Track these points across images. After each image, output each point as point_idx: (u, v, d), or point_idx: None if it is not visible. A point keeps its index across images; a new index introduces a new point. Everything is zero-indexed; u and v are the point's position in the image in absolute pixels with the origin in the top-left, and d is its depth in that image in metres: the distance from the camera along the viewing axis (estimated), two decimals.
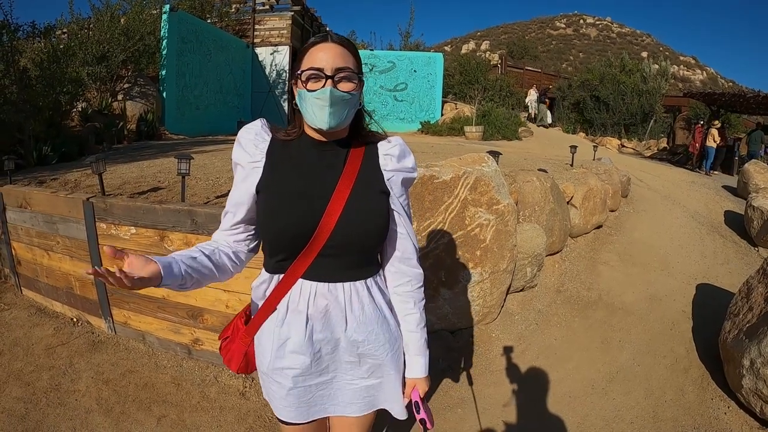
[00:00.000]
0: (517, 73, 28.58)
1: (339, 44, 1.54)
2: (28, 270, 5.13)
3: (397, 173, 1.67)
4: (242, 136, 1.64)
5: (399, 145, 1.69)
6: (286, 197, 1.57)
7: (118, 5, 13.72)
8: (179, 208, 3.79)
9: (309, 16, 21.84)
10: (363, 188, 1.60)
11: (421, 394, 1.79)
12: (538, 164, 8.30)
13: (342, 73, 1.51)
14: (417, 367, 1.80)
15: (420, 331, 1.80)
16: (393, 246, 1.72)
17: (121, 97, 12.29)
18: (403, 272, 1.76)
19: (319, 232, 1.54)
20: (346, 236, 1.56)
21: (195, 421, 3.46)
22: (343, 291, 1.62)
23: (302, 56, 1.55)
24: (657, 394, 4.02)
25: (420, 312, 1.80)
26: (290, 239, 1.57)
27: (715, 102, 18.65)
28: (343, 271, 1.62)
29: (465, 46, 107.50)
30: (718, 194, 11.64)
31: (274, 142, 1.64)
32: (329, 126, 1.51)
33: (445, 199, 4.36)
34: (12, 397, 3.65)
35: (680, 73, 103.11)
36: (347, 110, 1.55)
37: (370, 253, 1.70)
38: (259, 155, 1.61)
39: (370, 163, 1.65)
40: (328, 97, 1.47)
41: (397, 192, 1.66)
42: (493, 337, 4.61)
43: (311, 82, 1.50)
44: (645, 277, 6.27)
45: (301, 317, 1.60)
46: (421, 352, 1.80)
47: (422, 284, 1.82)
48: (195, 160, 4.33)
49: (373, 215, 1.61)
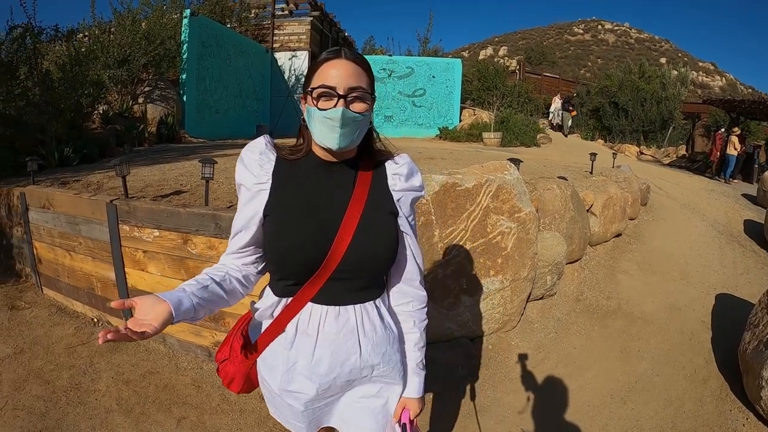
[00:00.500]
0: (536, 79, 28.37)
1: (353, 61, 1.48)
2: (50, 270, 5.19)
3: (405, 193, 1.63)
4: (246, 156, 1.59)
5: (407, 164, 1.66)
6: (294, 221, 1.53)
7: (140, 9, 13.85)
8: (203, 212, 3.82)
9: (328, 21, 21.95)
10: (373, 211, 1.56)
11: (412, 416, 1.75)
12: (557, 171, 8.26)
13: (355, 93, 1.46)
14: (411, 386, 1.76)
15: (418, 351, 1.76)
16: (398, 267, 1.68)
17: (142, 100, 12.38)
18: (405, 292, 1.73)
19: (330, 257, 1.50)
20: (357, 260, 1.52)
21: (215, 423, 3.47)
22: (354, 314, 1.58)
23: (313, 71, 1.50)
24: (676, 404, 3.98)
25: (420, 333, 1.77)
26: (300, 265, 1.52)
27: (734, 109, 18.44)
28: (353, 293, 1.59)
29: (483, 51, 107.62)
30: (737, 203, 11.53)
31: (280, 162, 1.59)
32: (339, 147, 1.47)
33: (468, 206, 4.36)
34: (32, 395, 3.70)
35: (699, 80, 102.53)
36: (358, 131, 1.50)
37: (380, 275, 1.68)
38: (264, 176, 1.56)
39: (379, 184, 1.61)
40: (340, 117, 1.42)
41: (405, 212, 1.63)
42: (512, 344, 4.59)
43: (322, 101, 1.45)
44: (664, 286, 6.21)
45: (310, 341, 1.57)
46: (417, 372, 1.76)
47: (425, 305, 1.78)
48: (217, 164, 4.35)
49: (383, 238, 1.57)
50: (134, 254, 4.25)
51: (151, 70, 13.08)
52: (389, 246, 1.58)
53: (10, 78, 7.42)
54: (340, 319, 1.57)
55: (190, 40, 13.88)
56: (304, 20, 19.67)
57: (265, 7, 20.03)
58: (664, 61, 79.22)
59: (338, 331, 1.56)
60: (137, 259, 4.25)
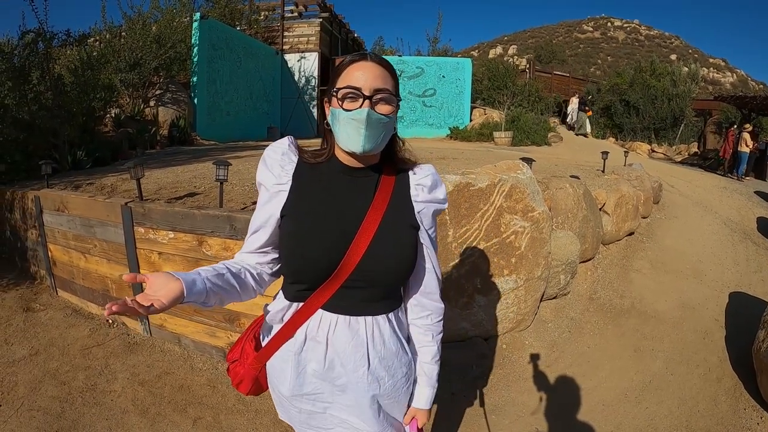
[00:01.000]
0: (546, 78, 28.25)
1: (378, 64, 1.47)
2: (64, 272, 5.23)
3: (428, 205, 1.60)
4: (268, 155, 1.57)
5: (431, 175, 1.62)
6: (311, 225, 1.50)
7: (150, 13, 13.94)
8: (218, 213, 3.84)
9: (337, 22, 22.00)
10: (392, 220, 1.53)
11: (420, 425, 1.75)
12: (569, 170, 8.24)
13: (380, 95, 1.44)
14: (422, 398, 1.74)
15: (434, 364, 1.74)
16: (417, 280, 1.65)
17: (153, 103, 12.48)
18: (424, 306, 1.70)
19: (344, 264, 1.47)
20: (371, 270, 1.49)
21: (231, 423, 3.49)
22: (365, 326, 1.56)
23: (338, 73, 1.48)
24: (690, 403, 3.96)
25: (437, 345, 1.74)
26: (313, 270, 1.50)
27: (746, 105, 18.32)
28: (366, 304, 1.55)
29: (492, 50, 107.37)
30: (750, 200, 11.47)
31: (302, 164, 1.57)
32: (363, 149, 1.44)
33: (481, 206, 4.35)
34: (48, 396, 3.72)
35: (710, 76, 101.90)
36: (383, 134, 1.48)
37: (394, 287, 1.64)
38: (285, 177, 1.54)
39: (400, 193, 1.58)
40: (365, 118, 1.40)
41: (426, 224, 1.59)
42: (526, 344, 4.58)
43: (347, 102, 1.44)
44: (677, 284, 6.18)
45: (321, 347, 1.55)
46: (431, 384, 1.75)
47: (442, 318, 1.75)
48: (231, 166, 4.37)
49: (401, 249, 1.54)
50: (149, 256, 4.28)
51: (162, 74, 13.18)
52: (406, 257, 1.55)
53: (23, 82, 7.49)
54: (351, 330, 1.55)
55: (201, 43, 13.97)
56: (314, 22, 19.73)
57: (275, 9, 20.13)
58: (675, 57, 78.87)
59: (348, 341, 1.55)
60: (152, 261, 4.27)
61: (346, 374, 1.57)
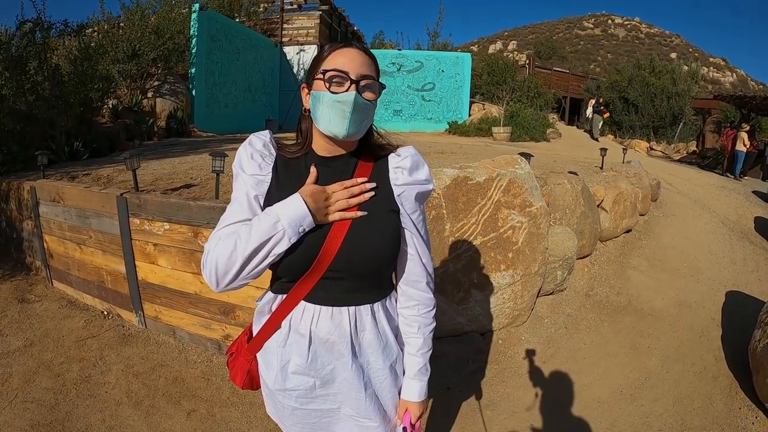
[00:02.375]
0: (545, 74, 28.19)
1: (363, 52, 1.48)
2: (60, 263, 5.21)
3: (408, 187, 1.55)
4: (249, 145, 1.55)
5: (411, 156, 1.58)
6: None
7: (149, 4, 13.88)
8: (214, 205, 3.82)
9: (337, 15, 21.93)
10: (370, 206, 1.51)
11: (413, 420, 1.71)
12: (567, 166, 8.23)
13: (366, 81, 1.44)
14: (411, 390, 1.71)
15: (420, 356, 1.70)
16: (402, 267, 1.63)
17: (151, 94, 12.43)
18: (410, 295, 1.67)
19: (321, 256, 1.46)
20: (350, 260, 1.48)
21: (225, 416, 3.48)
22: (348, 316, 1.54)
23: (322, 58, 1.48)
24: (685, 401, 3.96)
25: (424, 337, 1.70)
26: (291, 263, 1.48)
27: (745, 105, 18.36)
28: (348, 294, 1.54)
29: (492, 46, 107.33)
30: (748, 200, 11.49)
31: (280, 158, 1.56)
32: (348, 133, 1.44)
33: (479, 200, 4.34)
34: (42, 387, 3.71)
35: (710, 75, 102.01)
36: (365, 120, 1.48)
37: (377, 276, 1.59)
38: (266, 169, 1.53)
39: (379, 178, 1.55)
40: (352, 102, 1.40)
41: (408, 208, 1.55)
42: (522, 339, 4.58)
43: (334, 85, 1.42)
44: (674, 283, 6.19)
45: (303, 340, 1.54)
46: (418, 377, 1.70)
47: (431, 309, 1.71)
48: (227, 158, 4.35)
49: (380, 237, 1.51)
50: (144, 247, 4.26)
51: (160, 65, 13.12)
52: (385, 244, 1.53)
53: (20, 73, 7.47)
54: (334, 321, 1.54)
55: (199, 35, 13.89)
56: (313, 14, 19.64)
57: (274, 1, 20.04)
58: (675, 56, 78.91)
59: (330, 331, 1.53)
60: (147, 252, 4.26)
61: (331, 362, 1.57)
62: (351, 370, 1.57)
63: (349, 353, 1.55)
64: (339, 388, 1.61)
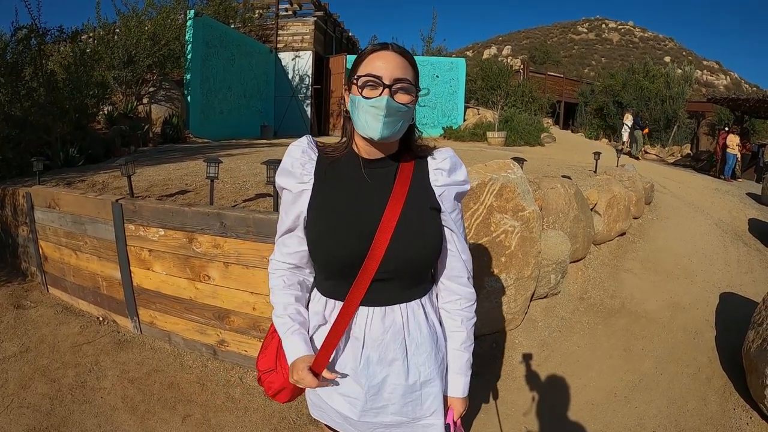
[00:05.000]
0: (540, 79, 28.29)
1: (399, 54, 1.49)
2: (55, 269, 5.21)
3: (448, 188, 1.59)
4: (287, 157, 1.59)
5: (450, 158, 1.61)
6: (334, 220, 1.52)
7: (145, 11, 13.87)
8: (208, 211, 3.83)
9: (332, 21, 21.97)
10: (414, 207, 1.53)
11: (455, 417, 1.70)
12: (561, 170, 8.26)
13: (400, 84, 1.46)
14: (456, 386, 1.71)
15: (464, 350, 1.71)
16: (443, 263, 1.65)
17: (147, 100, 12.44)
18: (452, 290, 1.69)
19: (370, 257, 1.48)
20: (397, 261, 1.49)
21: (220, 421, 3.48)
22: (400, 313, 1.56)
23: (359, 62, 1.50)
24: (679, 403, 3.97)
25: (467, 331, 1.71)
26: (341, 265, 1.52)
27: (739, 107, 18.42)
28: (398, 292, 1.56)
29: (486, 51, 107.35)
30: (742, 201, 11.53)
31: (322, 160, 1.59)
32: (381, 136, 1.46)
33: (471, 205, 4.35)
34: (38, 393, 3.71)
35: (703, 78, 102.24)
36: (401, 122, 1.49)
37: (425, 271, 1.65)
38: (307, 177, 1.56)
39: (420, 180, 1.58)
40: (384, 106, 1.42)
41: (448, 207, 1.59)
42: (516, 343, 4.60)
43: (368, 89, 1.45)
44: (668, 285, 6.20)
45: (358, 344, 1.56)
46: (463, 372, 1.71)
47: (473, 303, 1.73)
48: (222, 164, 4.36)
49: (425, 235, 1.54)
50: (140, 253, 4.27)
51: (155, 71, 13.10)
52: (430, 244, 1.56)
53: (15, 79, 7.47)
54: (387, 320, 1.55)
55: (195, 41, 13.90)
56: (308, 20, 19.66)
57: (269, 8, 20.06)
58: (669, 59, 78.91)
59: (384, 331, 1.55)
60: (143, 258, 4.26)
61: (382, 370, 1.58)
62: (402, 374, 1.58)
63: (403, 355, 1.58)
64: (389, 399, 1.61)
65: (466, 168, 1.67)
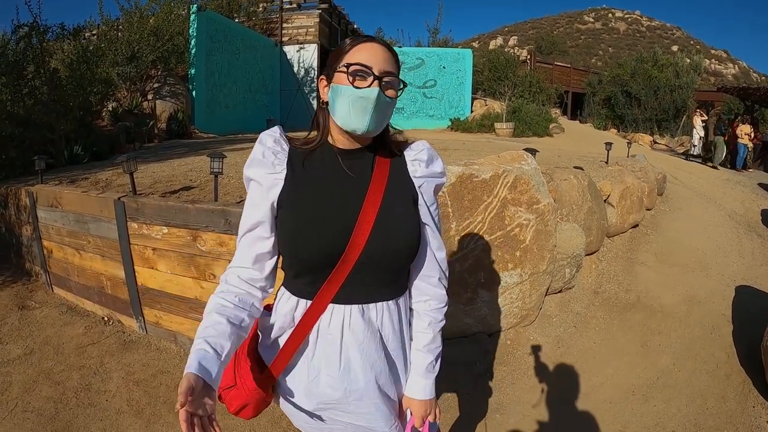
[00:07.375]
0: (547, 69, 28.16)
1: (385, 47, 1.45)
2: (59, 269, 5.17)
3: (427, 180, 1.55)
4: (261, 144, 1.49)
5: (426, 150, 1.58)
6: (311, 214, 1.44)
7: (147, 6, 13.82)
8: (212, 207, 3.75)
9: (336, 13, 21.88)
10: (394, 198, 1.48)
11: (417, 423, 1.61)
12: (572, 161, 8.14)
13: (388, 77, 1.42)
14: (414, 387, 1.62)
15: (428, 352, 1.62)
16: (416, 261, 1.57)
17: (151, 96, 12.39)
18: (422, 290, 1.61)
19: (349, 250, 1.41)
20: (378, 252, 1.43)
21: (227, 424, 3.40)
22: (376, 312, 1.50)
23: (344, 51, 1.43)
24: (698, 401, 3.86)
25: (434, 334, 1.63)
26: (318, 261, 1.43)
27: (749, 97, 18.27)
28: (376, 289, 1.49)
29: (493, 42, 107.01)
30: (754, 192, 11.41)
31: (294, 152, 1.51)
32: (367, 129, 1.41)
33: (485, 198, 4.25)
34: (42, 396, 3.66)
35: (712, 67, 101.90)
36: (386, 117, 1.46)
37: (402, 267, 1.55)
38: (279, 167, 1.47)
39: (398, 170, 1.54)
40: (375, 98, 1.37)
41: (428, 200, 1.55)
42: (530, 339, 4.49)
43: (357, 79, 1.39)
44: (683, 278, 6.08)
45: (334, 348, 1.47)
46: (423, 375, 1.61)
47: (443, 306, 1.65)
48: (227, 159, 4.27)
49: (405, 227, 1.48)
50: (143, 252, 4.20)
51: (159, 67, 13.07)
52: (412, 235, 1.49)
53: (18, 77, 7.44)
54: (366, 318, 1.48)
55: (199, 36, 13.83)
56: (313, 13, 19.57)
57: (273, 1, 19.98)
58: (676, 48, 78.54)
59: (365, 329, 1.47)
60: (146, 257, 4.19)
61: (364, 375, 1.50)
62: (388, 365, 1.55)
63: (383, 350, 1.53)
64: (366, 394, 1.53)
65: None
